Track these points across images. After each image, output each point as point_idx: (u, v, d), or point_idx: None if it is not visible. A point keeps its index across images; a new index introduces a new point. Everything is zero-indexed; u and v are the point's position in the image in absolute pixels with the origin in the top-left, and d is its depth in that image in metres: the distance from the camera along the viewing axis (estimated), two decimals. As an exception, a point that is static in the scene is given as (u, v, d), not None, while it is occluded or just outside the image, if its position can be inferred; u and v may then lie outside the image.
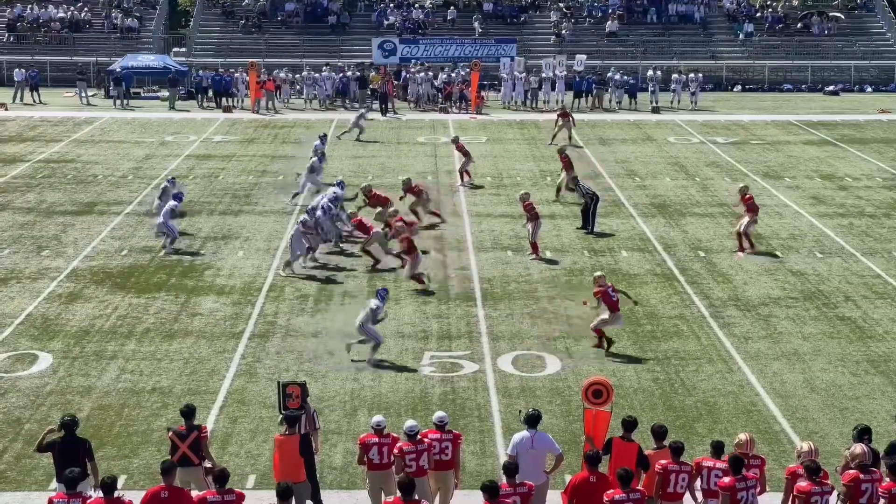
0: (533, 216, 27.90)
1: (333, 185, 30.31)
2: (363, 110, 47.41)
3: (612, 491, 13.26)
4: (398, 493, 13.20)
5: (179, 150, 42.17)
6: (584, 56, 56.93)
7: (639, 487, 13.52)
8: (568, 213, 32.33)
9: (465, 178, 36.44)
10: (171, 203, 29.04)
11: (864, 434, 14.47)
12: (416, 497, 13.24)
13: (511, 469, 13.56)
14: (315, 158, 34.65)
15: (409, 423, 14.89)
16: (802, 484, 13.39)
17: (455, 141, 37.91)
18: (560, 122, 43.38)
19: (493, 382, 20.26)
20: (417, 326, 23.09)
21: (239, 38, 64.36)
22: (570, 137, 43.38)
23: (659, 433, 14.56)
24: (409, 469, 14.19)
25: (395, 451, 14.59)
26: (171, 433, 15.06)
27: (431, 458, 14.63)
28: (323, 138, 37.60)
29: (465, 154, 36.47)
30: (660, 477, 13.87)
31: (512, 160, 40.32)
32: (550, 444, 14.73)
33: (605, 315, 21.54)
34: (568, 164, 34.15)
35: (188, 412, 15.12)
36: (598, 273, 22.38)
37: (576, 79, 54.32)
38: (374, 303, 21.29)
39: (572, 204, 32.81)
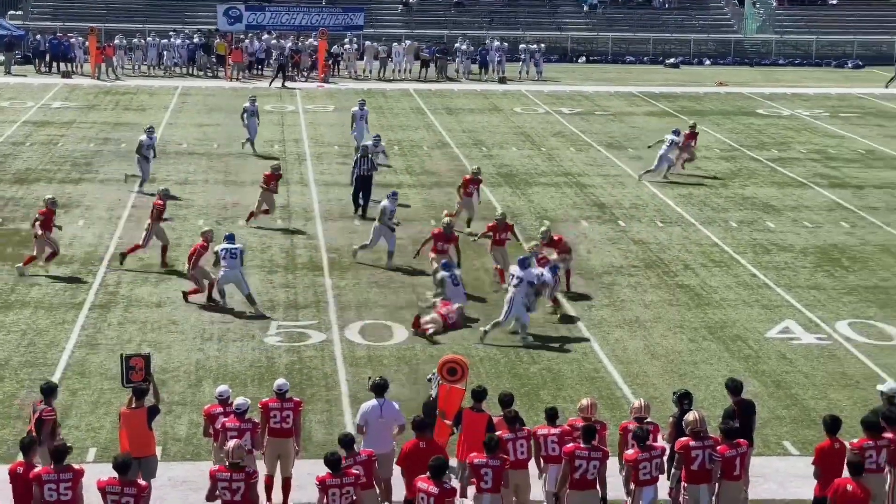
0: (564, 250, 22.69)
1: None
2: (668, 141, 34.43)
3: (474, 455, 13.38)
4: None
5: (16, 117, 40.89)
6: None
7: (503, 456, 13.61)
8: (414, 182, 32.37)
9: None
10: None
11: (683, 399, 14.65)
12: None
13: (348, 442, 13.51)
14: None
15: (220, 387, 15.08)
16: (629, 452, 13.66)
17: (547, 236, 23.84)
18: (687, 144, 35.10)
19: (340, 352, 20.22)
20: (264, 296, 22.83)
21: (78, 2, 62.50)
22: (688, 161, 35.19)
23: (504, 401, 14.70)
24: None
25: (218, 425, 14.41)
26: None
27: (257, 439, 14.43)
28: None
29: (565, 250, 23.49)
30: None
31: (359, 129, 40.18)
32: (397, 413, 14.76)
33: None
34: None
35: (48, 390, 14.58)
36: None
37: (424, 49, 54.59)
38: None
39: (421, 174, 32.85)
